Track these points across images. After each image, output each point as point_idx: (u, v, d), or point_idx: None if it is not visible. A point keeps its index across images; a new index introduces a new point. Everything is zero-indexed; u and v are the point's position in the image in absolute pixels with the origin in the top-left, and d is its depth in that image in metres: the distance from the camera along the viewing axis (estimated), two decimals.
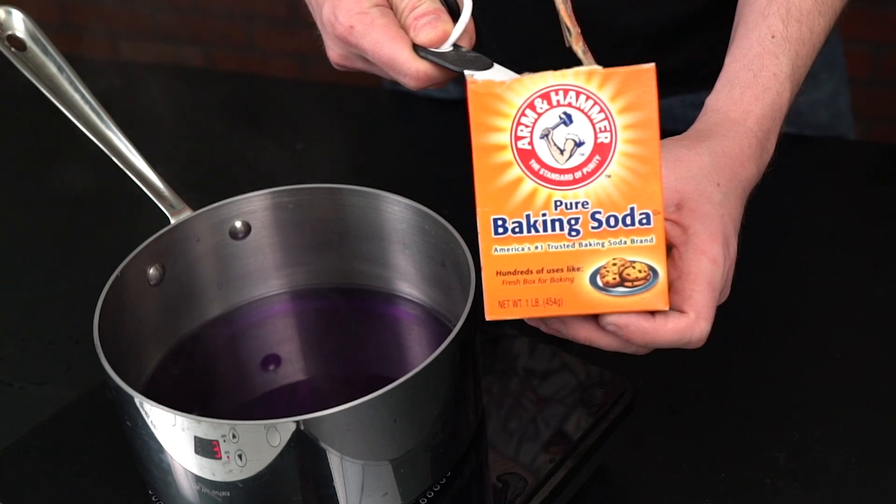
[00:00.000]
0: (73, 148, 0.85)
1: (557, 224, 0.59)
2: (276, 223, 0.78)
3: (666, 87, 0.61)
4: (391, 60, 0.65)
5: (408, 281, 0.78)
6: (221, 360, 0.78)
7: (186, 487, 0.64)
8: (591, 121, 0.58)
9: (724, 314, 0.89)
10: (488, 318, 0.60)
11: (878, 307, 0.89)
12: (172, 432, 0.62)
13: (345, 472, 0.63)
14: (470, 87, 0.58)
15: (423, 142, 1.16)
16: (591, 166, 0.58)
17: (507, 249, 0.59)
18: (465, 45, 0.66)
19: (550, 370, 0.76)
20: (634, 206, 0.59)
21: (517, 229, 0.59)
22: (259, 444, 0.61)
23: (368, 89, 1.29)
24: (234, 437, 0.60)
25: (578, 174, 0.58)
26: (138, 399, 0.62)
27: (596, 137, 0.58)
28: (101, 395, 0.75)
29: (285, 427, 0.60)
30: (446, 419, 0.66)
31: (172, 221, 0.74)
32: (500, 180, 0.59)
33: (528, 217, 0.59)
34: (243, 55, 2.42)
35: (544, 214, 0.59)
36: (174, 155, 1.02)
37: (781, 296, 0.91)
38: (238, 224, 0.77)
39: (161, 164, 0.76)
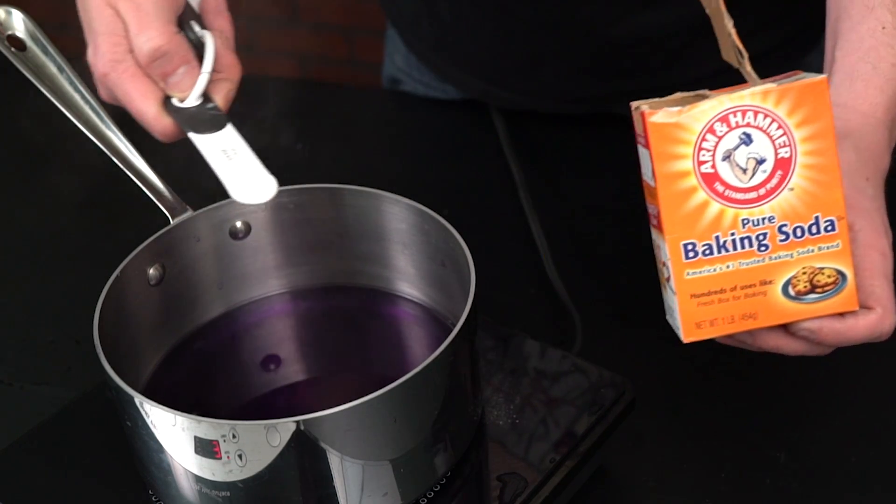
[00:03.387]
0: (73, 148, 0.85)
1: (746, 241, 0.61)
2: (276, 223, 0.78)
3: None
4: (140, 115, 0.66)
5: (408, 281, 0.78)
6: (221, 360, 0.78)
7: (186, 487, 0.64)
8: (770, 138, 0.60)
9: None
10: (686, 340, 0.63)
11: None
12: (172, 432, 0.62)
13: (345, 472, 0.63)
14: (649, 120, 0.59)
15: (423, 142, 1.16)
16: (774, 182, 0.60)
17: (700, 272, 0.61)
18: (220, 96, 0.68)
19: (551, 370, 0.76)
20: (819, 214, 0.61)
21: (707, 251, 0.61)
22: (259, 444, 0.61)
23: (368, 89, 1.29)
24: (234, 437, 0.60)
25: (762, 191, 0.60)
26: (138, 399, 0.62)
27: (776, 153, 0.60)
28: (101, 395, 0.75)
29: (285, 427, 0.60)
30: (446, 419, 0.66)
31: (172, 221, 0.74)
32: (686, 206, 0.60)
33: (717, 238, 0.61)
34: (243, 55, 2.41)
35: (733, 234, 0.61)
36: (174, 155, 1.02)
37: None
38: (238, 224, 0.77)
39: (161, 164, 0.76)
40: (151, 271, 0.73)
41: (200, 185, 0.84)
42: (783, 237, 0.61)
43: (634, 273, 0.94)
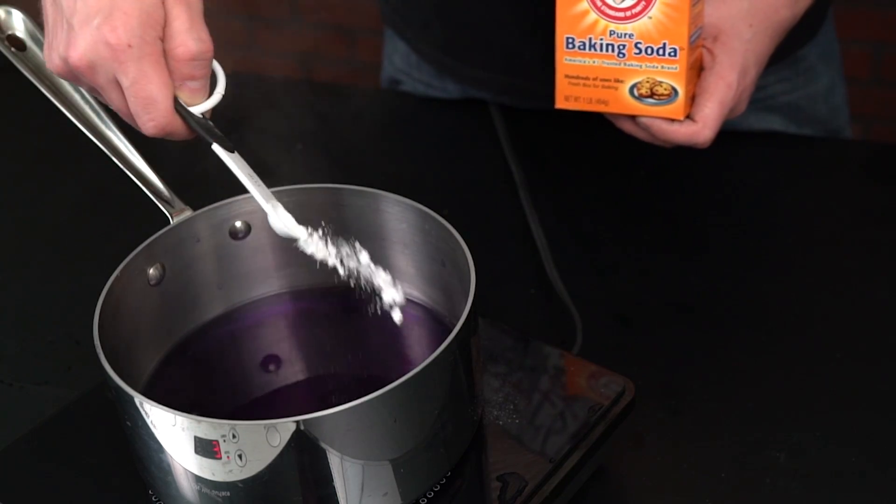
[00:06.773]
0: (73, 148, 0.85)
1: (610, 47, 0.82)
2: None
3: None
4: (150, 100, 0.65)
5: (408, 281, 0.78)
6: (221, 360, 0.78)
7: (186, 487, 0.64)
8: None
9: (725, 314, 0.89)
10: (557, 107, 0.85)
11: (878, 307, 0.89)
12: (172, 432, 0.62)
13: (345, 472, 0.63)
14: None
15: (423, 142, 1.16)
16: (638, 9, 0.80)
17: (574, 60, 0.83)
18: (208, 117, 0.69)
19: (551, 370, 0.76)
20: (666, 42, 0.81)
21: (582, 47, 0.83)
22: (259, 444, 0.61)
23: (368, 89, 1.29)
24: (234, 437, 0.60)
25: (629, 13, 0.80)
26: (138, 399, 0.62)
27: None
28: (101, 395, 0.75)
29: (285, 427, 0.60)
30: (446, 419, 0.66)
31: (172, 221, 0.74)
32: (573, 10, 0.82)
33: (590, 39, 0.82)
34: (243, 55, 2.42)
35: (601, 39, 0.82)
36: (174, 155, 1.02)
37: (781, 296, 0.91)
38: (238, 224, 0.77)
39: (161, 164, 0.76)
40: (151, 271, 0.73)
41: (200, 185, 0.84)
42: (637, 51, 0.81)
43: (635, 273, 0.94)
